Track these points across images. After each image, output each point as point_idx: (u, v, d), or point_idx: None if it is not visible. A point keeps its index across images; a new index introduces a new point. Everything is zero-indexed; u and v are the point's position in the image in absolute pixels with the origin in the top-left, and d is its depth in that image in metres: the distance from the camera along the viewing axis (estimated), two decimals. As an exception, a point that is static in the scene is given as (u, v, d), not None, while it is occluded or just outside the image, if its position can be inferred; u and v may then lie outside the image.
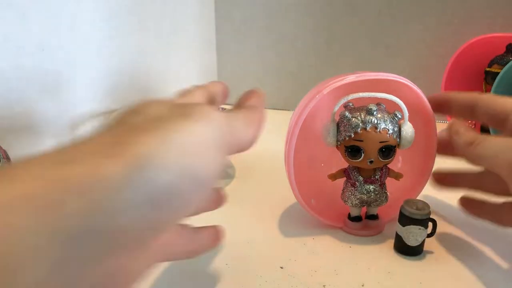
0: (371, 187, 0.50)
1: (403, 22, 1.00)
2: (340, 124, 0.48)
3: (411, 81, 0.50)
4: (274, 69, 1.15)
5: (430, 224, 0.49)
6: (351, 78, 0.49)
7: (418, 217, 0.47)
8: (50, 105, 0.67)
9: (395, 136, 0.47)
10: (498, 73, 0.79)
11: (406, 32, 1.00)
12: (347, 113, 0.48)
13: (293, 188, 0.52)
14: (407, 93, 0.51)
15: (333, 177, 0.53)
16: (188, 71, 1.07)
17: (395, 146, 0.48)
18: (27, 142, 0.64)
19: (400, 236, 0.49)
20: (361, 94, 0.47)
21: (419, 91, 0.51)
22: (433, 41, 0.99)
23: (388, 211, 0.55)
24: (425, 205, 0.48)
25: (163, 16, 0.92)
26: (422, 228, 0.47)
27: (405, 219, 0.48)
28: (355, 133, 0.47)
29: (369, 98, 0.48)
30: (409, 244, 0.48)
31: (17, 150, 0.62)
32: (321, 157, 0.59)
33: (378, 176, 0.50)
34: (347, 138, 0.47)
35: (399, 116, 0.48)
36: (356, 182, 0.50)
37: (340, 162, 0.53)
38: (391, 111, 0.49)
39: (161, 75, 0.94)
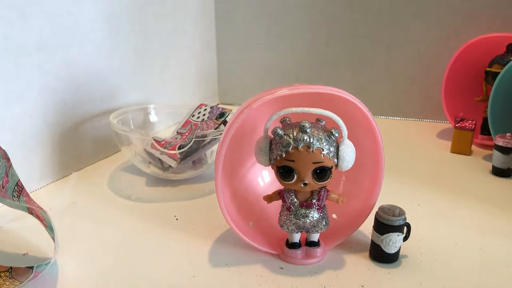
0: (308, 211, 0.45)
1: (403, 22, 1.00)
2: (272, 142, 0.43)
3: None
4: (274, 69, 1.15)
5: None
6: (284, 91, 0.43)
7: (397, 223, 0.46)
8: (50, 105, 0.67)
9: (331, 156, 0.42)
10: (498, 73, 0.79)
11: (406, 32, 1.00)
12: (279, 130, 0.42)
13: (223, 211, 0.47)
14: (352, 109, 0.46)
15: (269, 199, 0.47)
16: (188, 71, 1.07)
17: (331, 168, 0.43)
18: (27, 142, 0.64)
19: (378, 245, 0.47)
20: (293, 109, 0.42)
21: (362, 107, 0.46)
22: (433, 41, 0.99)
23: (334, 237, 0.51)
24: (400, 210, 0.47)
25: (163, 16, 0.92)
26: (400, 233, 0.47)
27: (383, 227, 0.46)
28: (286, 152, 0.42)
29: (315, 114, 0.43)
30: (388, 252, 0.47)
31: (17, 150, 0.62)
32: (262, 175, 0.54)
33: (315, 200, 0.45)
34: (278, 158, 0.42)
35: (336, 135, 0.42)
36: (292, 206, 0.45)
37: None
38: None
39: (161, 75, 0.94)
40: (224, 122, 0.72)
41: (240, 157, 0.52)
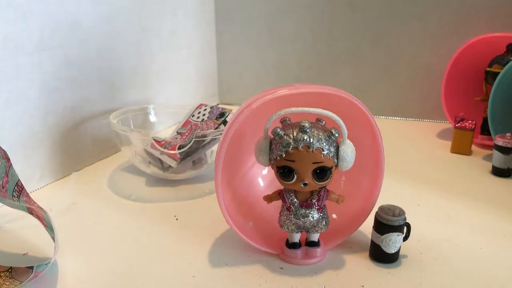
0: (308, 211, 0.45)
1: (403, 22, 1.00)
2: (272, 142, 0.44)
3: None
4: (274, 69, 1.15)
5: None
6: (284, 91, 0.44)
7: (397, 223, 0.46)
8: (50, 105, 0.67)
9: (331, 156, 0.42)
10: (498, 73, 0.79)
11: (406, 32, 1.00)
12: (278, 130, 0.42)
13: (222, 211, 0.46)
14: (352, 109, 0.46)
15: (269, 199, 0.47)
16: (188, 71, 1.07)
17: (331, 168, 0.43)
18: (27, 142, 0.64)
19: (378, 245, 0.47)
20: (293, 109, 0.42)
21: (362, 107, 0.46)
22: (433, 41, 0.99)
23: (334, 237, 0.50)
24: (401, 210, 0.47)
25: (163, 16, 0.92)
26: (400, 234, 0.47)
27: (383, 227, 0.46)
28: (286, 152, 0.42)
29: (315, 114, 0.43)
30: (388, 252, 0.47)
31: (17, 150, 0.62)
32: (262, 175, 0.55)
33: (315, 200, 0.45)
34: (278, 158, 0.43)
35: (336, 135, 0.42)
36: (292, 206, 0.45)
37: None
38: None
39: (161, 75, 0.94)
40: (224, 122, 0.72)
41: (240, 157, 0.52)
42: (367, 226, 0.51)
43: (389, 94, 1.06)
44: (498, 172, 0.72)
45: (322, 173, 0.42)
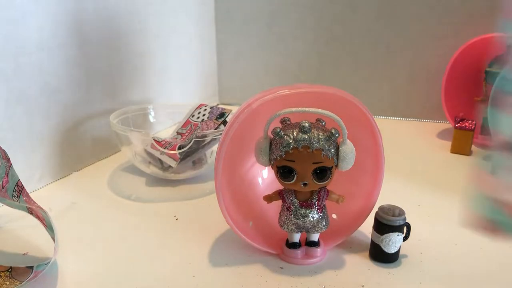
0: (308, 211, 0.45)
1: (403, 22, 1.00)
2: (272, 142, 0.44)
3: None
4: (274, 69, 1.15)
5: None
6: (284, 91, 0.44)
7: (397, 223, 0.46)
8: (50, 105, 0.67)
9: (331, 156, 0.42)
10: (498, 73, 0.78)
11: (406, 32, 1.00)
12: (278, 130, 0.43)
13: (222, 211, 0.46)
14: (352, 109, 0.46)
15: (269, 199, 0.48)
16: (188, 71, 1.07)
17: (331, 168, 0.43)
18: (27, 142, 0.64)
19: (378, 245, 0.47)
20: (293, 109, 0.42)
21: (362, 107, 0.46)
22: (433, 41, 0.99)
23: (334, 237, 0.51)
24: (401, 210, 0.47)
25: (163, 16, 0.92)
26: (400, 233, 0.47)
27: (383, 227, 0.46)
28: (286, 152, 0.42)
29: (315, 114, 0.43)
30: (388, 252, 0.47)
31: (17, 150, 0.62)
32: (262, 175, 0.55)
33: (315, 200, 0.45)
34: (278, 158, 0.43)
35: (336, 135, 0.42)
36: (292, 206, 0.46)
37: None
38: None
39: (161, 75, 0.94)
40: (224, 122, 0.72)
41: (240, 157, 0.52)
42: (367, 226, 0.51)
43: (389, 94, 1.06)
44: (498, 172, 0.72)
45: (322, 173, 0.43)
